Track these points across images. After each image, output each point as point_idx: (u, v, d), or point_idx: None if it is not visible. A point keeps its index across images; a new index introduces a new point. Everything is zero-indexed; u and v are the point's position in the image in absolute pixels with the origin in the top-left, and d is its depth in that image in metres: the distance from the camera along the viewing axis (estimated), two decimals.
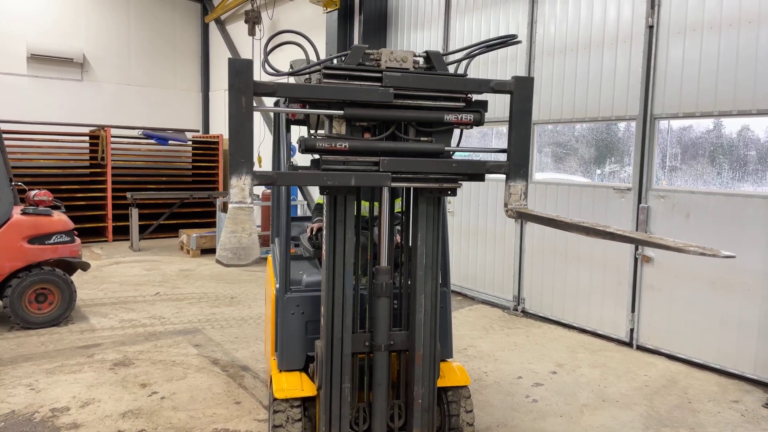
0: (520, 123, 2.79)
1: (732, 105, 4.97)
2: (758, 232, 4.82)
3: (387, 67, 2.70)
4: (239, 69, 2.41)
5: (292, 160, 4.62)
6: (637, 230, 5.65)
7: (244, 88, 2.42)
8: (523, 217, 2.81)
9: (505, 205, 2.86)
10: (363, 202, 3.17)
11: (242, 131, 2.44)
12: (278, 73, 2.70)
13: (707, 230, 5.15)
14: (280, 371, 3.23)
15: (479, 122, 2.83)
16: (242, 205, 2.44)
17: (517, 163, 2.81)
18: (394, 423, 3.09)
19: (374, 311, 2.96)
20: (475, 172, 2.86)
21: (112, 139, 11.33)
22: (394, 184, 2.73)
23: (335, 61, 2.81)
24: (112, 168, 11.38)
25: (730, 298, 5.03)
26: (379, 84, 2.65)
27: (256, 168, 10.06)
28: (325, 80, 2.64)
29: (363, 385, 3.09)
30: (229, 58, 2.46)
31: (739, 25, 4.90)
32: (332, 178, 2.65)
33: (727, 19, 4.97)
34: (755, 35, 4.79)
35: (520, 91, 2.77)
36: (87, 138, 11.68)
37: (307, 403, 3.13)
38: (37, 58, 11.68)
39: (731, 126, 5.14)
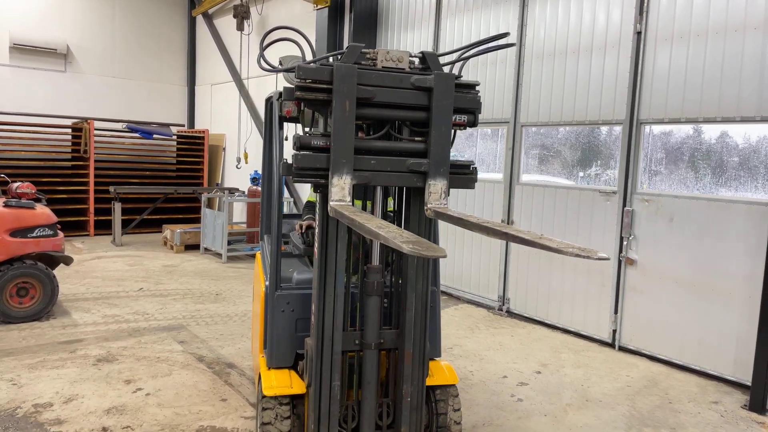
0: (440, 121, 2.75)
1: (717, 112, 5.06)
2: (739, 237, 4.92)
3: (383, 67, 2.71)
4: (345, 74, 2.49)
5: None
6: (621, 233, 5.74)
7: (349, 92, 2.51)
8: (439, 217, 2.73)
9: (425, 204, 2.81)
10: (355, 201, 3.17)
11: (345, 133, 2.55)
12: (274, 70, 2.70)
13: (690, 234, 5.24)
14: (269, 368, 3.22)
15: (473, 123, 2.85)
16: (341, 203, 2.55)
17: (437, 162, 2.76)
18: (383, 421, 3.10)
19: (365, 309, 2.97)
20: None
21: (95, 132, 11.18)
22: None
23: (330, 59, 2.81)
24: (95, 161, 11.23)
25: (711, 301, 5.12)
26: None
27: (242, 164, 9.87)
28: None
29: (352, 383, 3.09)
30: (336, 64, 2.51)
31: (725, 33, 4.99)
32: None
33: (714, 26, 5.06)
34: (741, 43, 4.89)
35: (441, 88, 2.72)
36: (69, 130, 11.50)
37: (295, 400, 3.14)
38: (19, 48, 11.47)
39: (714, 132, 5.24)
